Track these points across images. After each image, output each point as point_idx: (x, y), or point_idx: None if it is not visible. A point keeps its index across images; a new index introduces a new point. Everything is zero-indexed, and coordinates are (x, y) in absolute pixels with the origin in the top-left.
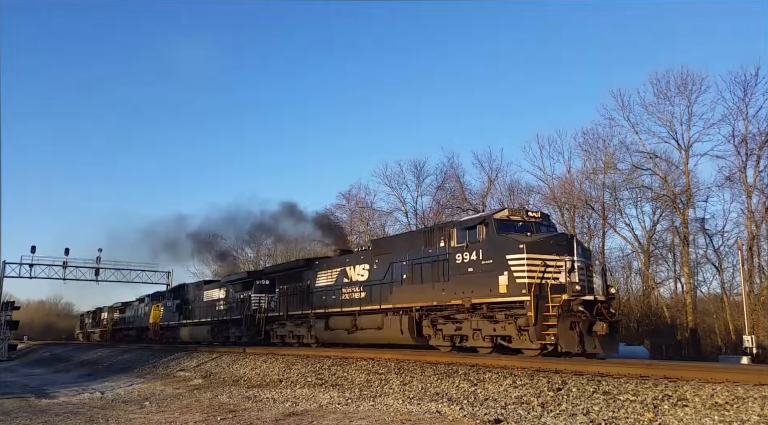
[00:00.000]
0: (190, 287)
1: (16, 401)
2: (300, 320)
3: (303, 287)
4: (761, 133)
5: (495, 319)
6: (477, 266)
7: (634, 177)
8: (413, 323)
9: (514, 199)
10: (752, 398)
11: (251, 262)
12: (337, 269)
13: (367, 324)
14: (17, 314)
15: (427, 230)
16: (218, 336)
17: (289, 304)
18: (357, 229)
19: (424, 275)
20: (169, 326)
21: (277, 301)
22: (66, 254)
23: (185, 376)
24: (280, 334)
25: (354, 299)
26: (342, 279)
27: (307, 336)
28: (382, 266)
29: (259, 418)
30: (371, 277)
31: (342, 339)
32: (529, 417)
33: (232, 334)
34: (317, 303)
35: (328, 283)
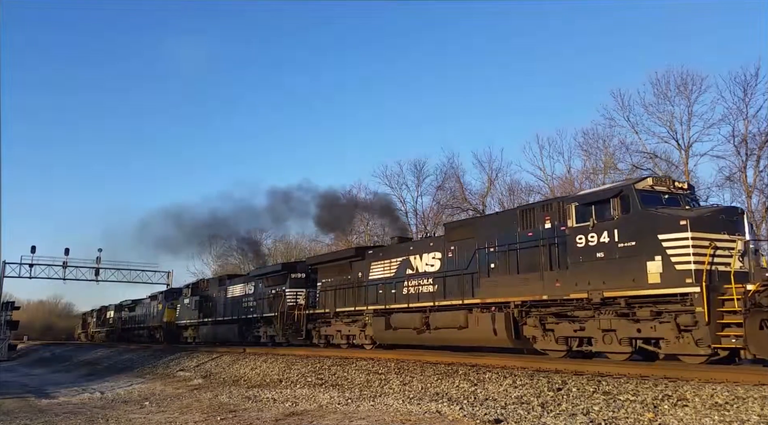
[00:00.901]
0: (210, 282)
1: (16, 401)
2: (351, 317)
3: (353, 280)
4: (761, 133)
5: (636, 317)
6: (611, 250)
7: (634, 177)
8: (511, 321)
9: (514, 199)
10: (752, 398)
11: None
12: (397, 259)
13: (443, 323)
14: (17, 314)
15: (524, 210)
16: (247, 335)
17: (337, 299)
18: (357, 229)
19: (523, 264)
20: (188, 325)
21: (320, 296)
22: (66, 254)
23: (185, 376)
24: (325, 334)
25: (423, 294)
26: (404, 270)
27: (359, 336)
28: (460, 253)
29: (259, 418)
30: (445, 267)
31: (408, 340)
32: (529, 417)
33: (264, 333)
34: (373, 298)
35: (386, 275)
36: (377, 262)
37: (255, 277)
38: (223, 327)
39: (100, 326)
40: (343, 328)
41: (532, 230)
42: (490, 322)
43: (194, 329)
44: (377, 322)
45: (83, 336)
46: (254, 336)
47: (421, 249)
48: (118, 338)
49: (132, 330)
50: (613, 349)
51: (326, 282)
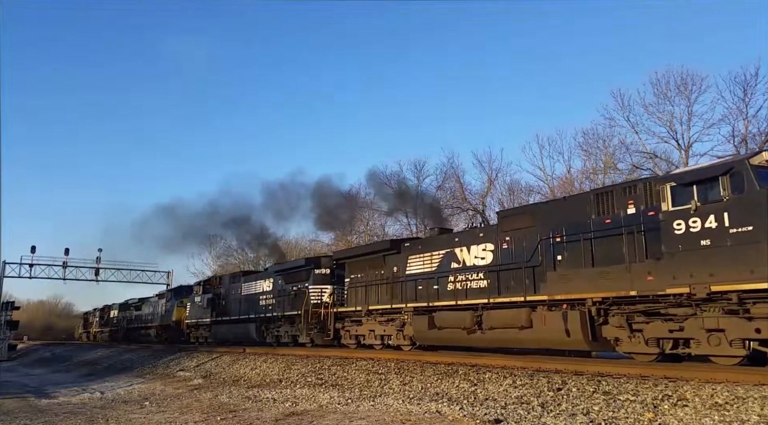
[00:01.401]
0: (223, 279)
1: (16, 401)
2: (386, 316)
3: (388, 276)
4: (761, 133)
5: (751, 315)
6: (720, 236)
7: (634, 177)
8: (587, 320)
9: (514, 199)
10: (752, 398)
11: (251, 262)
12: (440, 252)
13: (500, 322)
14: (17, 314)
15: (600, 194)
16: (266, 335)
17: (369, 296)
18: (357, 229)
19: (600, 255)
20: (199, 324)
21: (348, 293)
22: (66, 254)
23: (185, 376)
24: (356, 334)
25: (472, 290)
26: (449, 264)
27: (396, 337)
28: (517, 244)
29: (259, 418)
30: (498, 260)
31: (455, 341)
32: (529, 417)
33: (285, 333)
34: (412, 295)
35: (426, 269)
36: (415, 255)
37: (274, 273)
38: (238, 326)
39: (104, 325)
40: (376, 328)
41: (610, 217)
42: (560, 321)
43: (206, 328)
44: (418, 321)
45: (85, 336)
46: (274, 335)
47: (468, 241)
48: (123, 338)
49: (138, 330)
50: (721, 352)
51: (356, 278)
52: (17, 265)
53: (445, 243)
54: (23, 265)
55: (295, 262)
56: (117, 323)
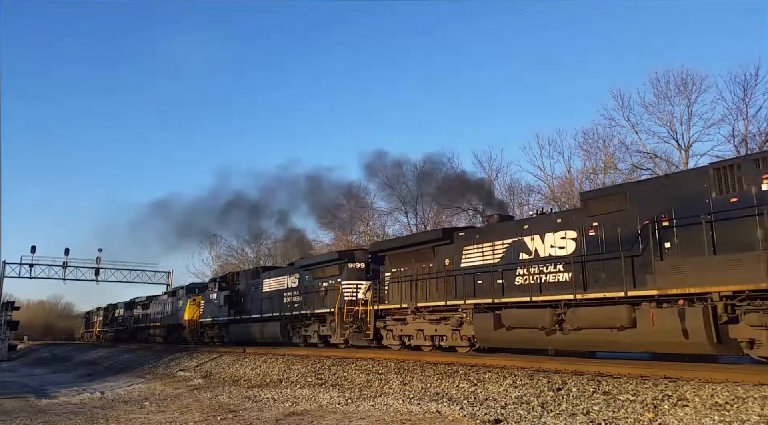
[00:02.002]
0: (241, 275)
1: (16, 401)
2: (438, 314)
3: (438, 269)
4: (761, 133)
5: None
6: None
7: (634, 177)
8: (710, 319)
9: (514, 199)
10: (752, 398)
11: (251, 262)
12: (504, 241)
13: (590, 321)
14: (17, 314)
15: (721, 168)
16: (292, 335)
17: (415, 292)
18: (357, 229)
19: (724, 241)
20: (215, 323)
21: (389, 289)
22: (66, 254)
23: (185, 376)
24: (400, 334)
25: (550, 284)
26: (517, 254)
27: (451, 337)
28: (609, 230)
29: (259, 418)
30: (583, 249)
31: (529, 343)
32: (529, 417)
33: (315, 333)
34: (469, 290)
35: (487, 261)
36: (472, 246)
37: (300, 268)
38: (260, 325)
39: (108, 325)
40: (426, 327)
41: (737, 195)
42: (676, 320)
43: (223, 327)
44: (481, 320)
45: (88, 336)
46: (302, 335)
47: (541, 228)
48: (130, 338)
49: (146, 330)
50: None
51: (398, 272)
52: (17, 265)
53: (509, 231)
54: (23, 265)
55: (325, 256)
56: (123, 322)
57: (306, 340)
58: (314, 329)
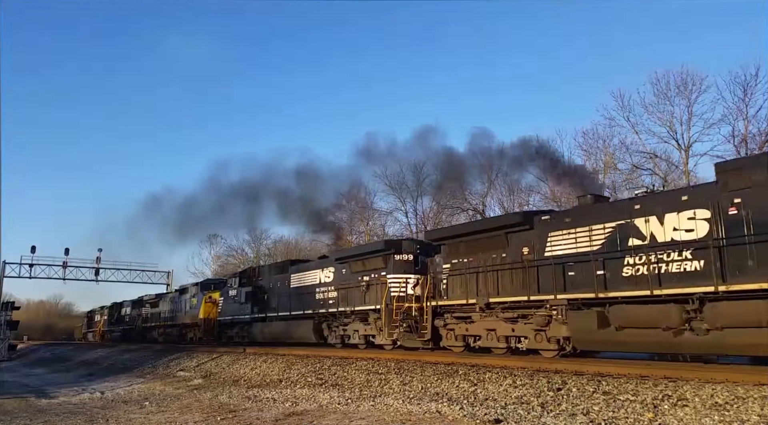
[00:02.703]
0: (264, 270)
1: (16, 401)
2: (517, 311)
3: (513, 258)
4: (761, 133)
5: None
6: None
7: (634, 177)
8: None
9: (514, 199)
10: (752, 398)
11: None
12: (605, 225)
13: (739, 320)
14: (17, 314)
15: None
16: (327, 334)
17: (483, 286)
18: (357, 229)
19: None
20: (235, 321)
21: (448, 282)
22: (66, 254)
23: (185, 376)
24: (465, 334)
25: (673, 274)
26: (625, 240)
27: (535, 339)
28: (758, 206)
29: (259, 418)
30: (721, 231)
31: (652, 346)
32: (529, 417)
33: (356, 333)
34: (558, 283)
35: (582, 248)
36: (560, 231)
37: (336, 261)
38: (288, 324)
39: (114, 324)
40: (499, 327)
41: None
42: None
43: (244, 327)
44: (579, 319)
45: (91, 336)
46: (339, 335)
47: (659, 208)
48: (138, 338)
49: (156, 329)
50: None
51: (460, 263)
52: (17, 265)
53: (613, 213)
54: (23, 265)
55: (367, 247)
56: (131, 321)
57: (344, 341)
58: (355, 328)
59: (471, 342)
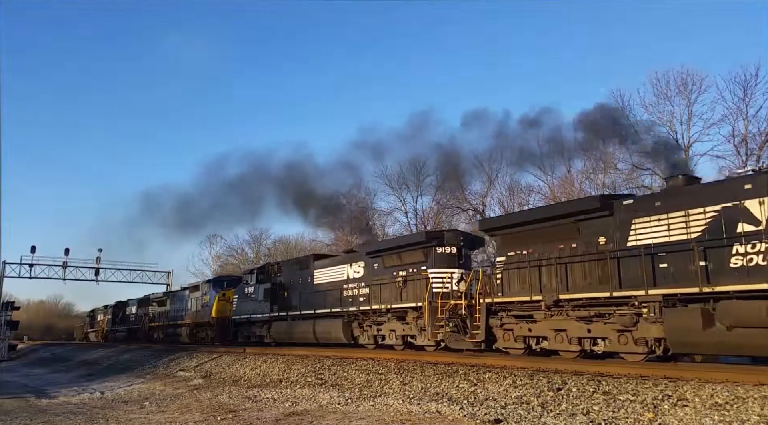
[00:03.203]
0: (284, 265)
1: (16, 401)
2: (593, 309)
3: (587, 249)
4: (761, 133)
5: None
6: None
7: (634, 177)
8: None
9: (514, 199)
10: (752, 398)
11: (251, 262)
12: (707, 209)
13: None
14: (17, 314)
15: None
16: (358, 334)
17: (550, 281)
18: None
19: None
20: (252, 321)
21: (503, 277)
22: (66, 254)
23: (185, 376)
24: (527, 335)
25: None
26: (734, 226)
27: (620, 341)
28: None
29: (259, 418)
30: None
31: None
32: (529, 417)
33: (392, 333)
34: (647, 277)
35: (676, 236)
36: (648, 218)
37: (367, 255)
38: (312, 323)
39: (119, 324)
40: (570, 326)
41: None
42: None
43: (263, 326)
44: (679, 317)
45: (93, 336)
46: (372, 335)
47: None
48: (144, 337)
49: (163, 329)
50: None
51: (518, 256)
52: (17, 265)
53: (715, 195)
54: (23, 265)
55: (405, 239)
56: (136, 321)
57: (378, 341)
58: (391, 328)
59: (533, 343)
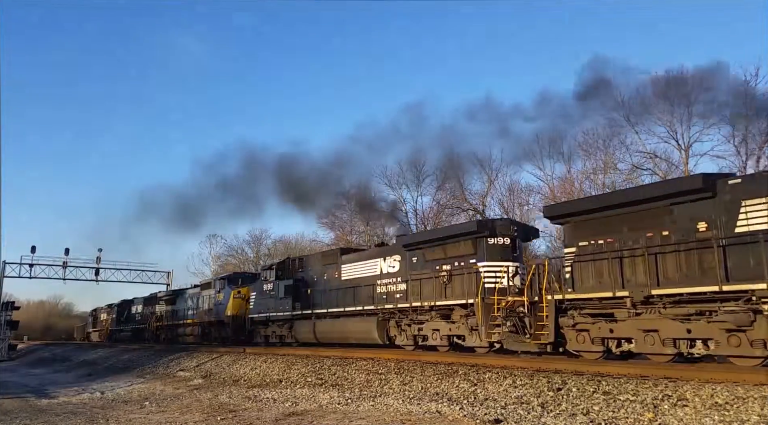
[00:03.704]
0: (307, 260)
1: (16, 401)
2: (694, 306)
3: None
4: (761, 133)
5: None
6: None
7: (634, 177)
8: None
9: (514, 199)
10: (752, 398)
11: (251, 262)
12: None
13: None
14: (17, 314)
15: None
16: (395, 334)
17: (635, 274)
18: (357, 229)
19: None
20: (271, 319)
21: (572, 271)
22: (66, 254)
23: (185, 376)
24: (606, 336)
25: None
26: None
27: (729, 342)
28: None
29: (259, 418)
30: None
31: None
32: (529, 417)
33: (436, 333)
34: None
35: None
36: (763, 198)
37: (405, 248)
38: (344, 322)
39: (124, 323)
40: (665, 326)
41: None
42: None
43: (283, 325)
44: None
45: (95, 336)
46: (412, 335)
47: None
48: (151, 338)
49: (174, 328)
50: None
51: (590, 246)
52: (17, 265)
53: None
54: (23, 265)
55: (449, 229)
56: (142, 320)
57: (417, 342)
58: (434, 327)
59: (612, 345)
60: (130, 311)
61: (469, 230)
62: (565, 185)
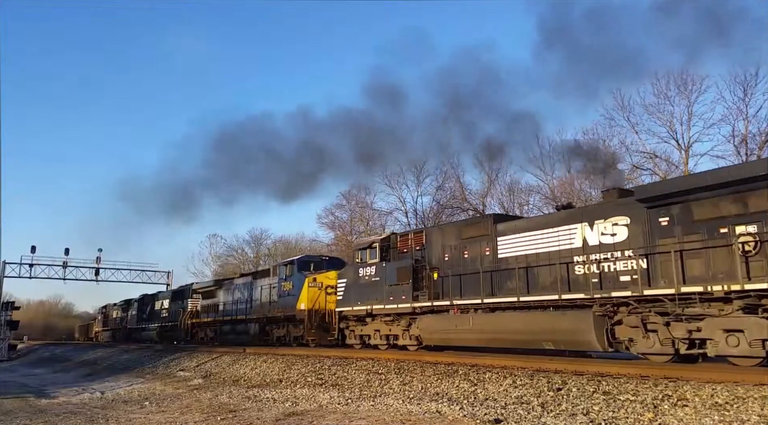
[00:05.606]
0: (435, 233)
1: (16, 401)
2: None
3: None
4: (761, 133)
5: None
6: None
7: (634, 177)
8: None
9: (514, 199)
10: (752, 398)
11: (251, 262)
12: None
13: None
14: (17, 314)
15: None
16: (629, 338)
17: None
18: (357, 229)
19: None
20: (374, 313)
21: None
22: (66, 254)
23: (185, 376)
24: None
25: None
26: None
27: None
28: None
29: (259, 418)
30: None
31: None
32: (529, 417)
33: (731, 336)
34: None
35: None
36: None
37: (644, 203)
38: (513, 318)
39: (145, 321)
40: None
41: None
42: None
43: (396, 321)
44: None
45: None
46: (668, 338)
47: None
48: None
49: (216, 325)
50: None
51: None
52: (17, 265)
53: None
54: (23, 265)
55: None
56: (170, 317)
57: (679, 350)
58: (728, 326)
59: None
60: (153, 307)
61: None
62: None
